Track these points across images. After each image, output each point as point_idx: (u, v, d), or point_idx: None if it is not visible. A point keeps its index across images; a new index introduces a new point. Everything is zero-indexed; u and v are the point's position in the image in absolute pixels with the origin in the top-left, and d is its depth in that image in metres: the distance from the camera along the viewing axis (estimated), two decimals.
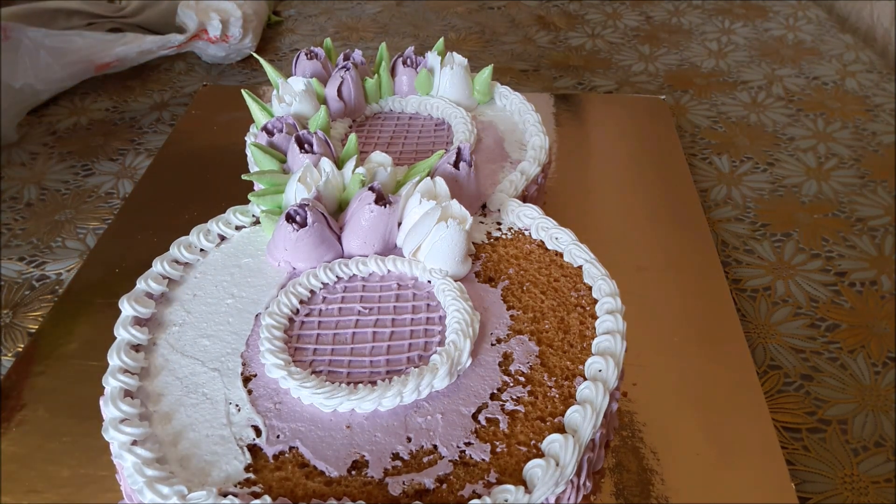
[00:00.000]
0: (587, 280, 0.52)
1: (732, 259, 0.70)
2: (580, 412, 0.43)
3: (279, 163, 0.60)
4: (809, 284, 0.67)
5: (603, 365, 0.45)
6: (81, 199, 0.79)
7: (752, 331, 0.63)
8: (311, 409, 0.44)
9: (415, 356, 0.47)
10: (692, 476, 0.49)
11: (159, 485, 0.39)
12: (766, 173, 0.82)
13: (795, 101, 0.94)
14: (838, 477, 0.52)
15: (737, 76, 1.00)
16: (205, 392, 0.45)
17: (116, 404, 0.43)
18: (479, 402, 0.44)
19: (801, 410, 0.57)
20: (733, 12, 1.17)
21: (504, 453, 0.42)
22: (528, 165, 0.64)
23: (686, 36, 1.11)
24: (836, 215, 0.75)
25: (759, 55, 1.05)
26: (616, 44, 1.09)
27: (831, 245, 0.72)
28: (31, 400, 0.55)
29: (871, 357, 0.61)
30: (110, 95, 0.98)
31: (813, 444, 0.54)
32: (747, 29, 1.12)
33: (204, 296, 0.52)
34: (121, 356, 0.46)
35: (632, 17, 1.16)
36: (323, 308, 0.50)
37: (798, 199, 0.78)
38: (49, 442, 0.52)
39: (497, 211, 0.59)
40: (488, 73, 0.73)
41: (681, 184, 0.76)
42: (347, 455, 0.42)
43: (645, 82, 0.99)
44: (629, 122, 0.87)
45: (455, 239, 0.51)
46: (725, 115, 0.92)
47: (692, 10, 1.18)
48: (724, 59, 1.04)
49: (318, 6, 1.23)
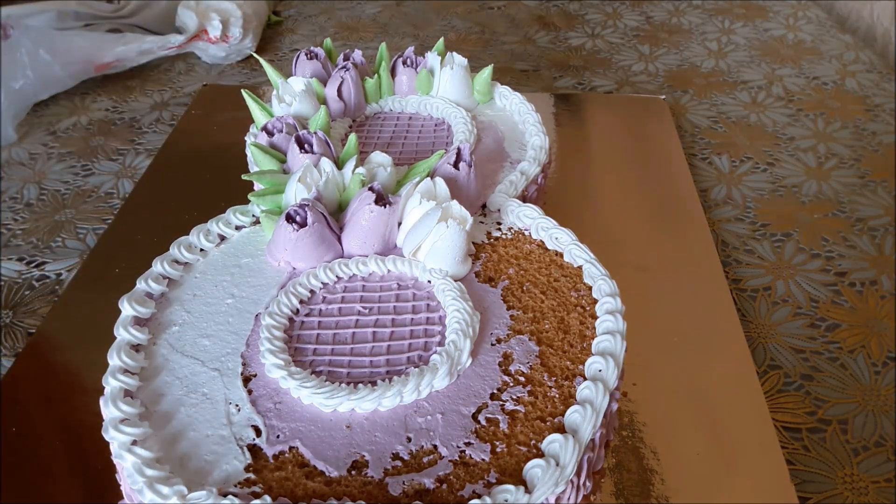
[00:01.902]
0: (587, 280, 0.52)
1: (732, 259, 0.70)
2: (580, 412, 0.43)
3: (279, 163, 0.60)
4: (809, 284, 0.67)
5: (603, 365, 0.45)
6: (81, 199, 0.79)
7: (752, 331, 0.63)
8: (311, 409, 0.44)
9: (415, 356, 0.47)
10: (692, 476, 0.49)
11: (159, 485, 0.39)
12: (766, 173, 0.82)
13: (795, 101, 0.94)
14: (838, 477, 0.52)
15: (737, 76, 1.00)
16: (205, 392, 0.45)
17: (116, 404, 0.43)
18: (479, 402, 0.44)
19: (801, 410, 0.57)
20: (733, 12, 1.17)
21: (504, 453, 0.42)
22: (528, 165, 0.64)
23: (686, 36, 1.11)
24: (836, 215, 0.75)
25: (759, 55, 1.05)
26: (616, 44, 1.09)
27: (831, 245, 0.72)
28: (30, 400, 0.55)
29: (871, 357, 0.61)
30: (110, 95, 0.98)
31: (813, 443, 0.54)
32: (747, 29, 1.12)
33: (204, 296, 0.52)
34: (121, 356, 0.46)
35: (632, 17, 1.16)
36: (323, 308, 0.50)
37: (798, 198, 0.78)
38: (49, 442, 0.52)
39: (497, 211, 0.59)
40: (488, 73, 0.73)
41: (681, 184, 0.76)
42: (347, 455, 0.42)
43: (645, 82, 0.99)
44: (629, 122, 0.87)
45: (455, 239, 0.51)
46: (725, 115, 0.92)
47: (692, 10, 1.18)
48: (724, 59, 1.04)
49: (318, 6, 1.23)
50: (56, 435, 0.52)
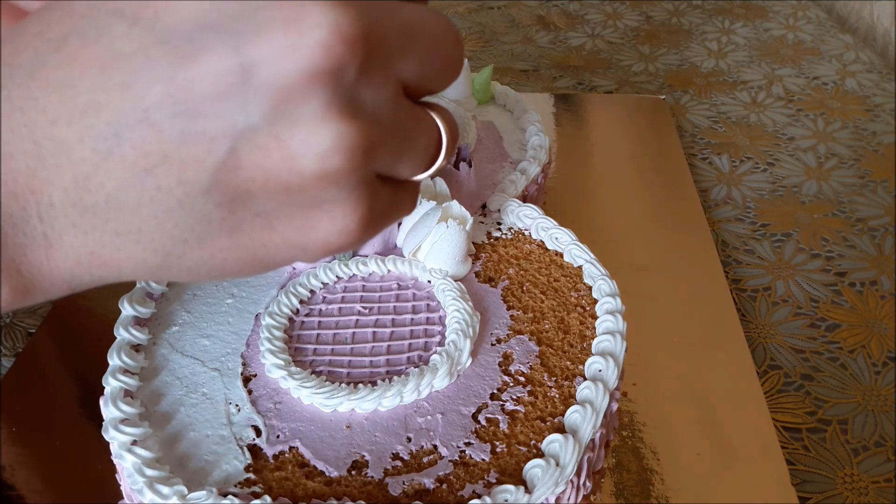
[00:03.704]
0: (587, 280, 0.52)
1: (732, 259, 0.70)
2: (580, 412, 0.43)
3: None
4: (809, 284, 0.67)
5: (603, 365, 0.45)
6: None
7: (752, 331, 0.63)
8: (311, 409, 0.44)
9: (415, 356, 0.47)
10: (692, 476, 0.49)
11: (159, 485, 0.39)
12: (766, 173, 0.82)
13: (795, 101, 0.94)
14: (838, 477, 0.52)
15: (737, 76, 1.00)
16: (205, 392, 0.45)
17: (116, 404, 0.43)
18: (479, 402, 0.44)
19: (801, 410, 0.57)
20: (733, 12, 1.17)
21: (504, 453, 0.42)
22: (528, 165, 0.64)
23: (686, 36, 1.11)
24: (836, 215, 0.75)
25: (759, 55, 1.05)
26: (616, 44, 1.09)
27: (831, 245, 0.72)
28: (30, 400, 0.55)
29: (871, 357, 0.61)
30: None
31: (813, 443, 0.54)
32: (747, 29, 1.12)
33: (204, 296, 0.52)
34: (121, 356, 0.46)
35: (632, 17, 1.16)
36: (323, 308, 0.50)
37: (798, 198, 0.78)
38: (49, 441, 0.52)
39: (497, 211, 0.59)
40: (488, 73, 0.73)
41: (681, 184, 0.76)
42: (347, 455, 0.42)
43: (645, 82, 0.99)
44: (629, 122, 0.87)
45: (455, 239, 0.51)
46: (725, 115, 0.92)
47: (692, 10, 1.18)
48: (724, 59, 1.04)
49: None
50: (56, 435, 0.52)
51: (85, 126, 0.24)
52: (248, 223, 0.25)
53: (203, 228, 0.25)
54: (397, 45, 0.25)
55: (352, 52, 0.23)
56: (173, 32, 0.23)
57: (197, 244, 0.26)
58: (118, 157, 0.24)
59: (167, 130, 0.23)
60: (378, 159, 0.26)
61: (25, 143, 0.24)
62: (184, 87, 0.23)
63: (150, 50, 0.23)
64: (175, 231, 0.25)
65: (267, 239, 0.26)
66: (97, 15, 0.24)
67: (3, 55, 0.24)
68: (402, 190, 0.29)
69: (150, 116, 0.23)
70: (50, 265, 0.25)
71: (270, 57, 0.23)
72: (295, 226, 0.26)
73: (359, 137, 0.24)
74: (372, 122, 0.25)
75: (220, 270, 0.27)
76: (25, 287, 0.26)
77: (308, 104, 0.24)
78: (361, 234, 0.27)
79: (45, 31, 0.24)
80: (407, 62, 0.26)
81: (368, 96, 0.25)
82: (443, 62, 0.28)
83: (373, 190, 0.26)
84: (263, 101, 0.23)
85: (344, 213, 0.26)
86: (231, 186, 0.24)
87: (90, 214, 0.25)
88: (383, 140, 0.26)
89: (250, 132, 0.24)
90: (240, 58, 0.23)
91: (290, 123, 0.24)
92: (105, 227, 0.25)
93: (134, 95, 0.23)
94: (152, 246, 0.25)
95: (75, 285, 0.27)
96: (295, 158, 0.24)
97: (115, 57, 0.23)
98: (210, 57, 0.23)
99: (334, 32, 0.23)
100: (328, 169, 0.24)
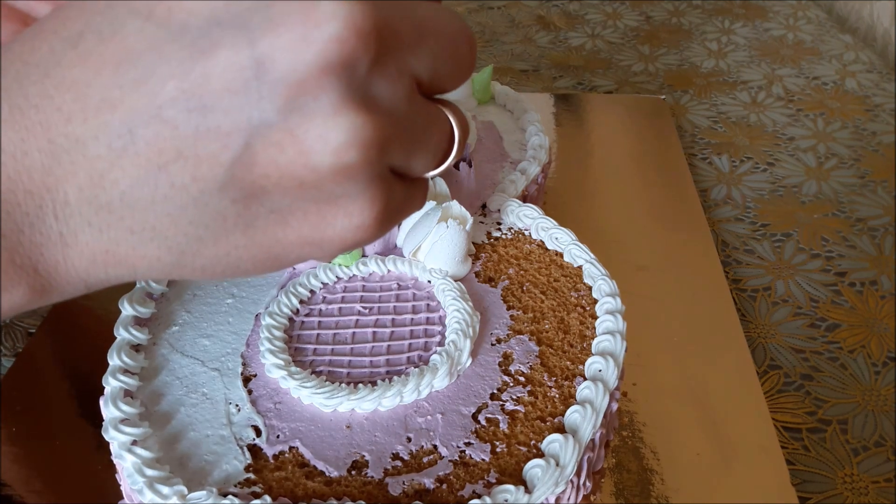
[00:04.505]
0: (587, 280, 0.52)
1: (732, 259, 0.70)
2: (580, 412, 0.43)
3: None
4: (809, 284, 0.67)
5: (603, 365, 0.45)
6: None
7: (752, 331, 0.63)
8: (311, 408, 0.44)
9: (415, 356, 0.47)
10: (692, 476, 0.49)
11: (159, 485, 0.39)
12: (766, 173, 0.82)
13: (795, 101, 0.94)
14: (838, 477, 0.52)
15: (737, 76, 1.00)
16: (205, 392, 0.45)
17: (116, 404, 0.43)
18: (479, 402, 0.44)
19: (801, 410, 0.57)
20: (733, 12, 1.17)
21: (504, 453, 0.42)
22: (528, 165, 0.64)
23: (686, 36, 1.11)
24: (836, 215, 0.75)
25: (759, 55, 1.05)
26: (616, 44, 1.09)
27: (831, 245, 0.72)
28: (30, 400, 0.55)
29: (871, 357, 0.61)
30: None
31: (813, 443, 0.54)
32: (747, 29, 1.12)
33: (204, 295, 0.52)
34: (121, 356, 0.46)
35: (632, 17, 1.16)
36: (323, 308, 0.50)
37: (798, 198, 0.78)
38: (49, 442, 0.52)
39: (497, 211, 0.59)
40: (488, 73, 0.73)
41: (681, 184, 0.76)
42: (347, 455, 0.42)
43: (645, 82, 0.99)
44: (629, 122, 0.87)
45: (455, 239, 0.51)
46: (725, 115, 0.92)
47: (692, 10, 1.18)
48: (724, 59, 1.04)
49: None
50: (56, 435, 0.52)
51: (100, 123, 0.24)
52: (262, 220, 0.25)
53: (218, 225, 0.25)
54: (411, 40, 0.25)
55: (365, 45, 0.23)
56: (187, 28, 0.23)
57: (212, 242, 0.26)
58: (132, 154, 0.24)
59: (181, 126, 0.23)
60: (392, 154, 0.26)
61: (41, 140, 0.24)
62: (198, 83, 0.23)
63: (164, 46, 0.23)
64: (190, 228, 0.25)
65: (282, 235, 0.26)
66: (112, 12, 0.24)
67: (20, 53, 0.24)
68: (413, 186, 0.29)
69: (164, 113, 0.23)
70: (66, 264, 0.25)
71: (284, 51, 0.23)
72: (310, 222, 0.26)
73: (374, 131, 0.24)
74: (386, 116, 0.25)
75: (234, 268, 0.27)
76: (43, 286, 0.26)
77: (322, 98, 0.23)
78: (377, 230, 0.27)
79: (61, 28, 0.24)
80: (420, 58, 0.26)
81: (382, 90, 0.25)
82: (455, 61, 0.28)
83: (388, 185, 0.26)
84: (278, 96, 0.23)
85: (360, 208, 0.26)
86: (246, 183, 0.24)
87: (105, 212, 0.24)
88: (397, 135, 0.26)
89: (265, 127, 0.24)
90: (253, 52, 0.23)
91: (304, 118, 0.24)
92: (120, 225, 0.25)
93: (148, 92, 0.23)
94: (167, 244, 0.25)
95: (91, 284, 0.27)
96: (310, 154, 0.24)
97: (130, 54, 0.23)
98: (224, 52, 0.23)
99: (348, 25, 0.23)
100: (343, 163, 0.24)
